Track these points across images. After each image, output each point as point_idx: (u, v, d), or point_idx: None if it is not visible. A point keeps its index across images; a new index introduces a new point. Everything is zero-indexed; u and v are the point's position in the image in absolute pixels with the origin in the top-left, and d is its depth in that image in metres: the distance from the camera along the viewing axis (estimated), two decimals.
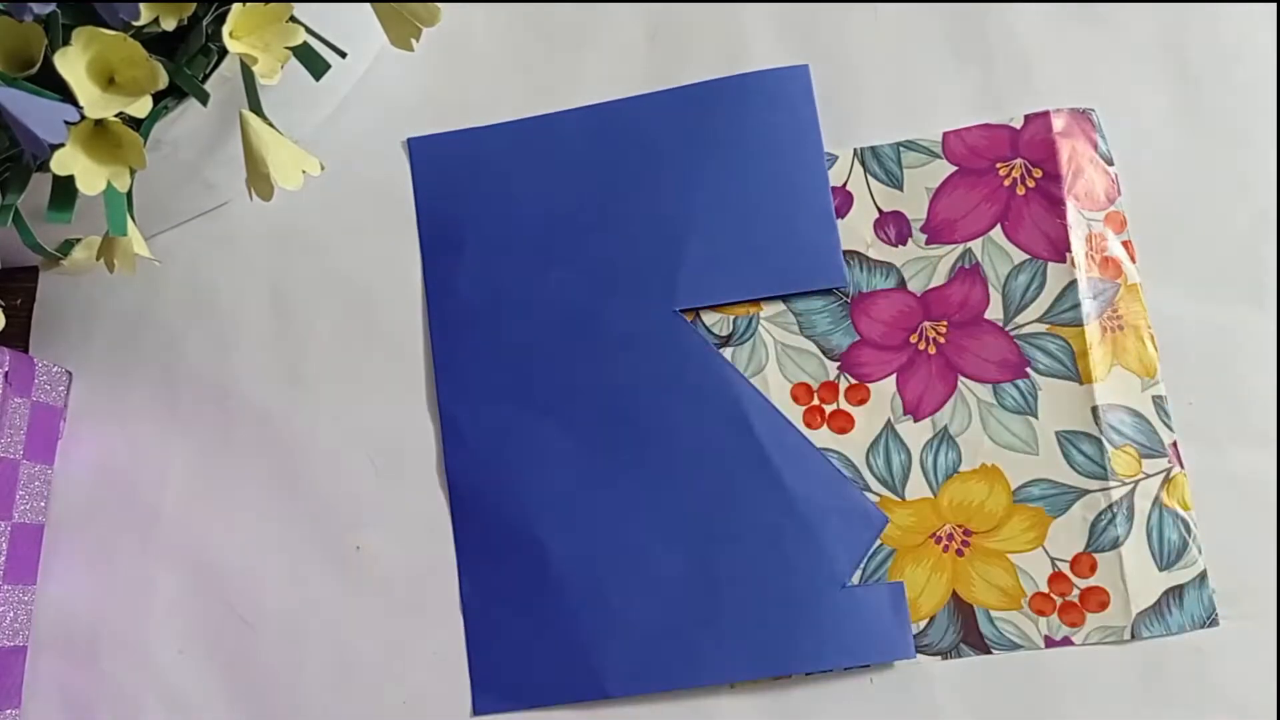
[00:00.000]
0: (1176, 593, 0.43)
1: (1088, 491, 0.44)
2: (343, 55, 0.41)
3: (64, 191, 0.38)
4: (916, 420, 0.45)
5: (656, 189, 0.48)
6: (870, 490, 0.45)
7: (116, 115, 0.36)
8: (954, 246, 0.47)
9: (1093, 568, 0.43)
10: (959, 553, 0.44)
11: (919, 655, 0.43)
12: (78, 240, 0.46)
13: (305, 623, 0.46)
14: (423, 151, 0.50)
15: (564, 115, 0.50)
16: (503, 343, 0.47)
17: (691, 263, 0.47)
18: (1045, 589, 0.44)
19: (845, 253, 0.47)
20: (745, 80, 0.49)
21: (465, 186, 0.50)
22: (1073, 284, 0.45)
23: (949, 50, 0.49)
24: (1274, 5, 0.49)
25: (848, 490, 0.45)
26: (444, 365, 0.48)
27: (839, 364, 0.46)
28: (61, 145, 0.35)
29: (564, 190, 0.49)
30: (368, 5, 0.40)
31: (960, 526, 0.44)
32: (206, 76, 0.40)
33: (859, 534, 0.44)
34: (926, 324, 0.46)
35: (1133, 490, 0.44)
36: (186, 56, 0.39)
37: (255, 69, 0.37)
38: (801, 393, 0.46)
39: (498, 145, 0.50)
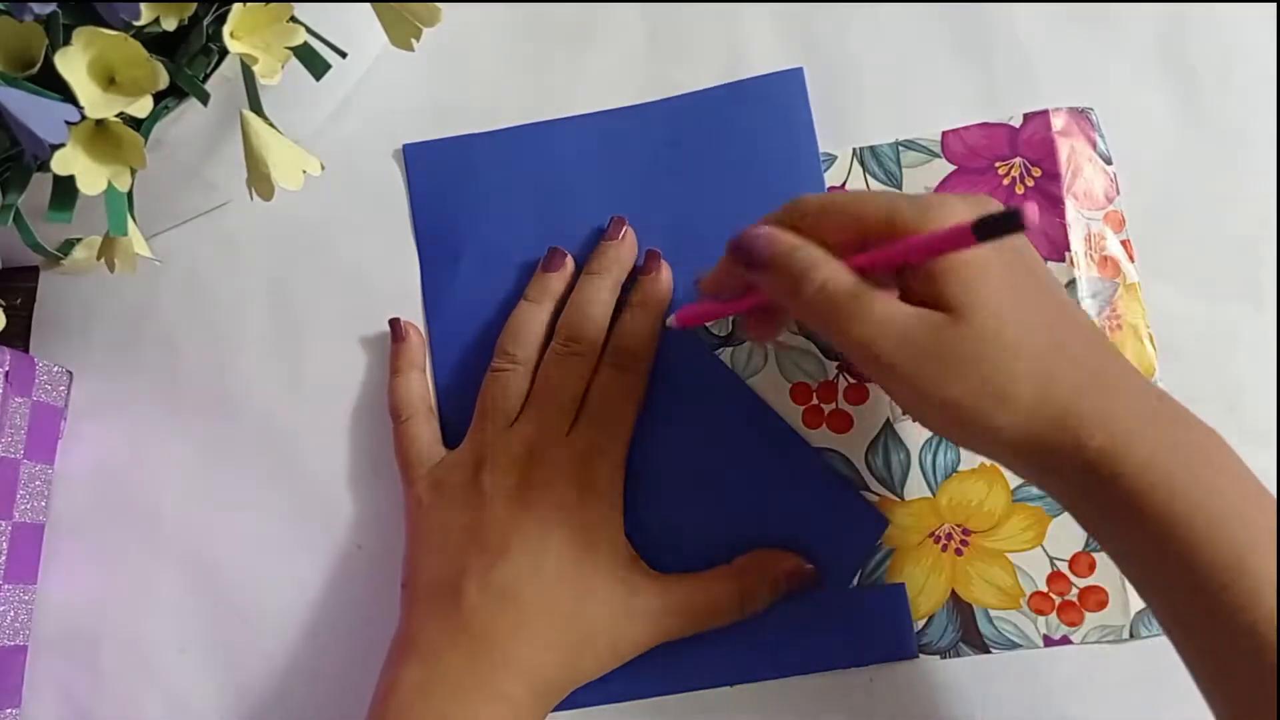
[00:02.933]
0: None
1: None
2: (343, 55, 0.41)
3: (64, 191, 0.38)
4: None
5: (653, 197, 0.48)
6: (869, 490, 0.45)
7: (117, 115, 0.36)
8: None
9: (1091, 567, 0.44)
10: (958, 552, 0.44)
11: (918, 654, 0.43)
12: (78, 240, 0.46)
13: (306, 621, 0.46)
14: (418, 158, 0.50)
15: (560, 123, 0.50)
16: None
17: (689, 270, 0.47)
18: (1044, 588, 0.44)
19: None
20: (740, 87, 0.49)
21: (462, 194, 0.49)
22: (1071, 283, 0.46)
23: (948, 49, 0.49)
24: (1274, 5, 0.49)
25: (848, 492, 0.45)
26: (441, 365, 0.48)
27: (838, 363, 0.46)
28: (62, 145, 0.35)
29: (561, 198, 0.49)
30: (368, 5, 0.40)
31: (959, 526, 0.44)
32: (207, 76, 0.40)
33: (860, 536, 0.44)
34: None
35: None
36: (187, 56, 0.39)
37: (256, 69, 0.38)
38: (800, 392, 0.46)
39: (494, 152, 0.50)
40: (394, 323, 0.47)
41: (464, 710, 0.39)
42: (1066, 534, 0.44)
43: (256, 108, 0.41)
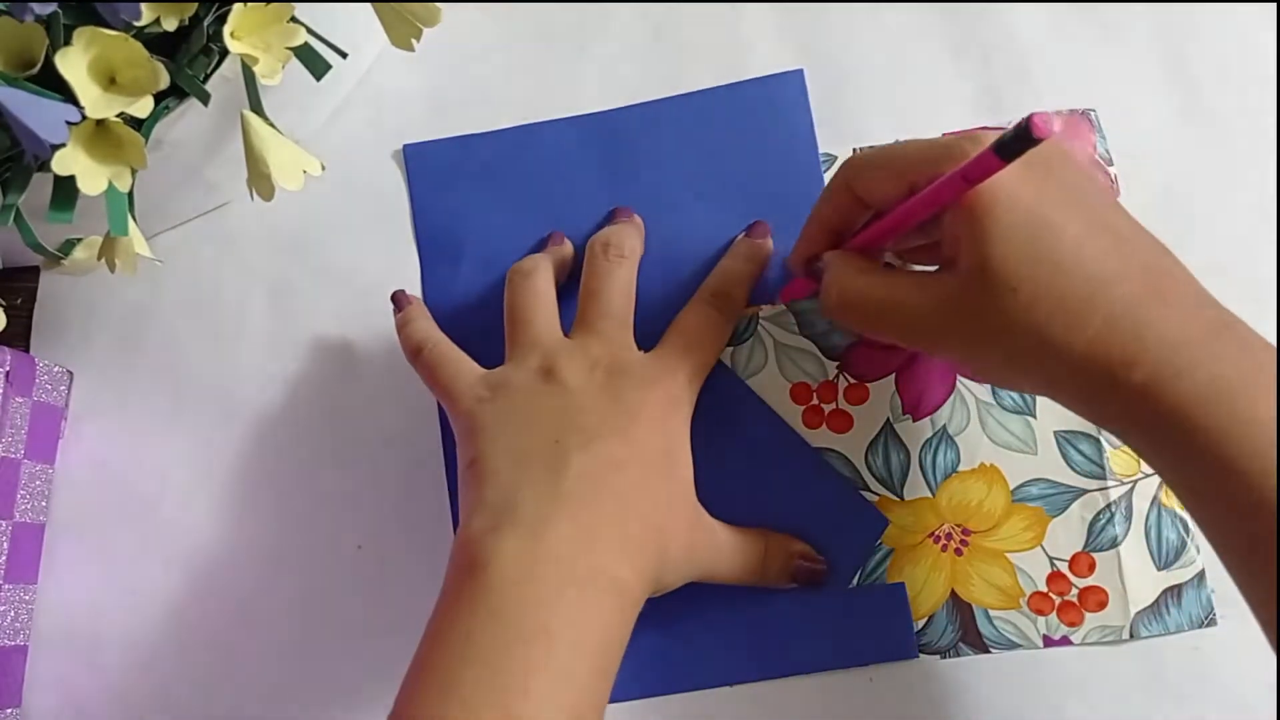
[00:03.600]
0: (1175, 592, 0.43)
1: (1086, 491, 0.44)
2: (344, 56, 0.41)
3: (65, 191, 0.38)
4: (915, 420, 0.45)
5: (653, 198, 0.48)
6: (869, 490, 0.45)
7: (118, 115, 0.36)
8: None
9: (1091, 567, 0.44)
10: (958, 552, 0.44)
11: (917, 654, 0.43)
12: (79, 240, 0.46)
13: (306, 622, 0.46)
14: (418, 158, 0.50)
15: (561, 123, 0.50)
16: (502, 353, 0.47)
17: (690, 267, 0.47)
18: (1044, 588, 0.44)
19: None
20: (741, 88, 0.49)
21: (462, 194, 0.49)
22: None
23: (949, 51, 0.49)
24: (1274, 5, 0.49)
25: (848, 492, 0.45)
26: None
27: (838, 364, 0.46)
28: (63, 145, 0.35)
29: (561, 199, 0.49)
30: (368, 6, 0.40)
31: (959, 526, 0.44)
32: (208, 77, 0.40)
33: (860, 536, 0.44)
34: None
35: (1131, 490, 0.44)
36: (188, 57, 0.39)
37: (256, 69, 0.38)
38: (800, 392, 0.46)
39: (494, 152, 0.50)
40: (396, 296, 0.47)
41: (581, 599, 0.35)
42: (1066, 534, 0.44)
43: (257, 108, 0.41)
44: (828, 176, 0.48)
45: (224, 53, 0.39)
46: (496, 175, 0.49)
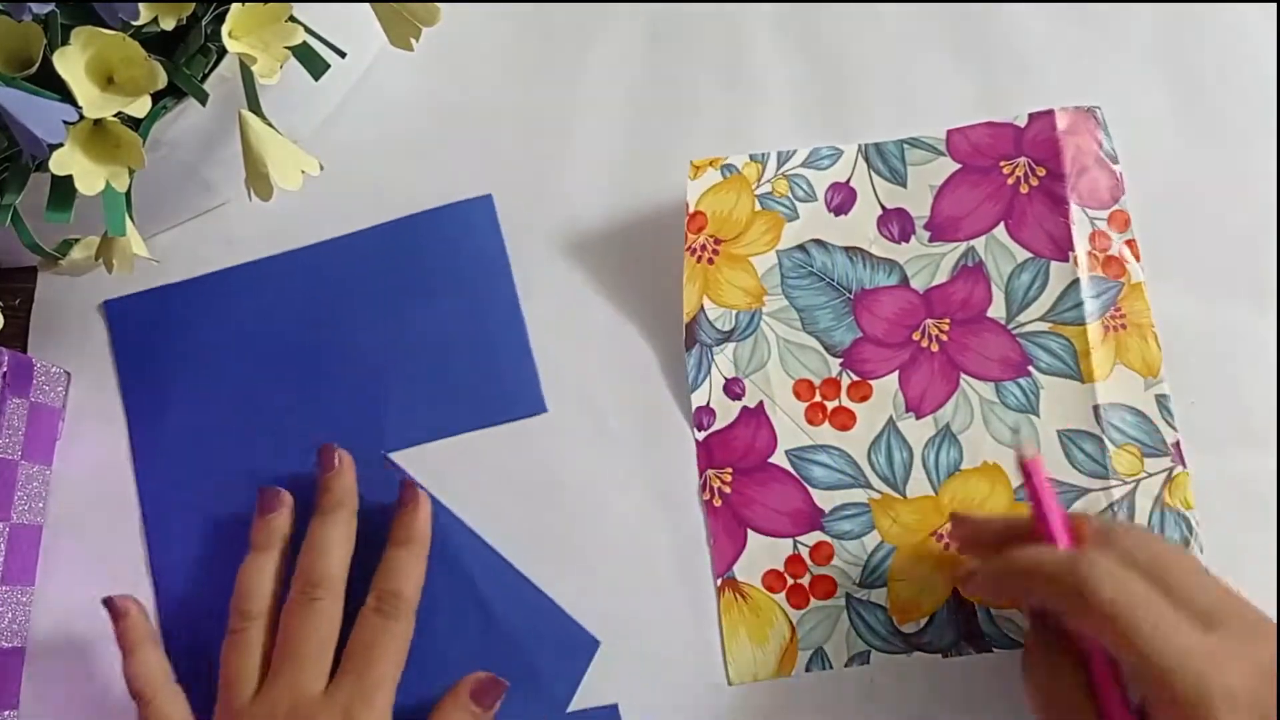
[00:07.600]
0: None
1: (1089, 490, 0.44)
2: (342, 55, 0.41)
3: (62, 191, 0.38)
4: (919, 418, 0.45)
5: (356, 331, 0.48)
6: (872, 487, 0.45)
7: (115, 115, 0.36)
8: (957, 244, 0.47)
9: None
10: (960, 551, 0.44)
11: (919, 653, 0.43)
12: (76, 240, 0.46)
13: None
14: (120, 314, 0.49)
15: (258, 264, 0.49)
16: (216, 515, 0.46)
17: (396, 403, 0.47)
18: None
19: (848, 249, 0.47)
20: (433, 215, 0.49)
21: (166, 347, 0.49)
22: (1075, 283, 0.45)
23: (954, 48, 0.49)
24: (1274, 5, 0.49)
25: (558, 615, 0.44)
26: (155, 534, 0.47)
27: (841, 360, 0.46)
28: (60, 145, 0.35)
29: (267, 343, 0.48)
30: (367, 5, 0.40)
31: None
32: (205, 76, 0.40)
33: (572, 658, 0.44)
34: (929, 321, 0.46)
35: (1134, 489, 0.44)
36: (185, 56, 0.39)
37: (254, 69, 0.37)
38: (803, 389, 0.46)
39: (194, 301, 0.49)
40: (108, 602, 0.43)
41: None
42: None
43: (255, 107, 0.40)
44: (832, 171, 0.48)
45: (222, 52, 0.39)
46: (200, 324, 0.49)
